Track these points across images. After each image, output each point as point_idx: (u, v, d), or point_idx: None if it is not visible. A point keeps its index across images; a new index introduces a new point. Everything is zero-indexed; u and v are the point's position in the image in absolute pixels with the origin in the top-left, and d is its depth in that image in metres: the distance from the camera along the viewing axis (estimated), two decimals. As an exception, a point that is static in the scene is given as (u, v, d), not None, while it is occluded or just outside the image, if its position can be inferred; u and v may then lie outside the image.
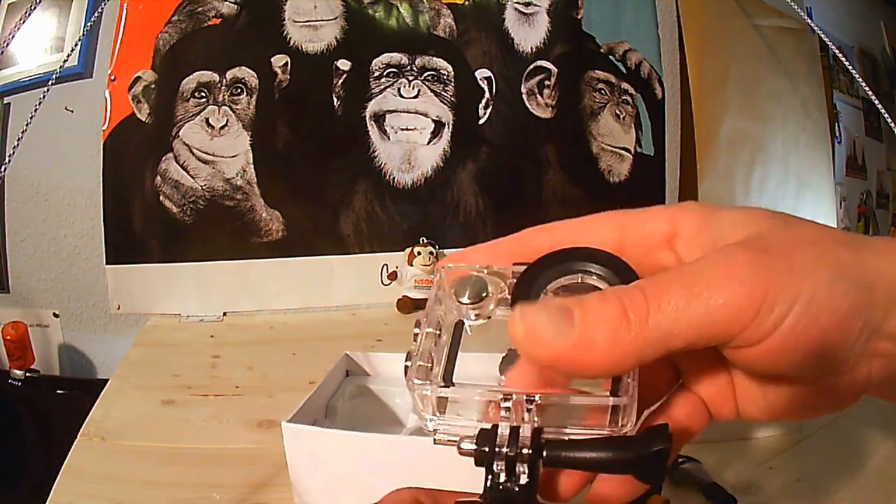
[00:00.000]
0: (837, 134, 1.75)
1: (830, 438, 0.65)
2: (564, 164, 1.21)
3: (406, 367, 0.26)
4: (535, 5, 1.18)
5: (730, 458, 0.61)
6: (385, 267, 1.09)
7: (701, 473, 0.57)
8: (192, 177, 1.03)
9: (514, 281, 0.26)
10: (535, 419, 0.25)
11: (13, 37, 0.88)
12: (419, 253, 1.06)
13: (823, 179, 1.60)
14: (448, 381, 0.26)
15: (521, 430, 0.25)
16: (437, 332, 0.27)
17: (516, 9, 1.17)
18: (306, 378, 0.75)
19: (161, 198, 1.03)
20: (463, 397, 0.26)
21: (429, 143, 1.11)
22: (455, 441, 0.26)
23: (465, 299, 0.26)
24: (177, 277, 1.03)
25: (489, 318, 0.27)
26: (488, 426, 0.25)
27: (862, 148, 1.88)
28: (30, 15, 0.83)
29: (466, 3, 1.15)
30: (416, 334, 0.27)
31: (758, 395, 0.25)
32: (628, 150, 1.26)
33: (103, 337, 1.09)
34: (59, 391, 1.03)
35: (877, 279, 0.21)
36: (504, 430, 0.25)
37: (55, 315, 1.09)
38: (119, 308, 1.01)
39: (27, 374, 0.99)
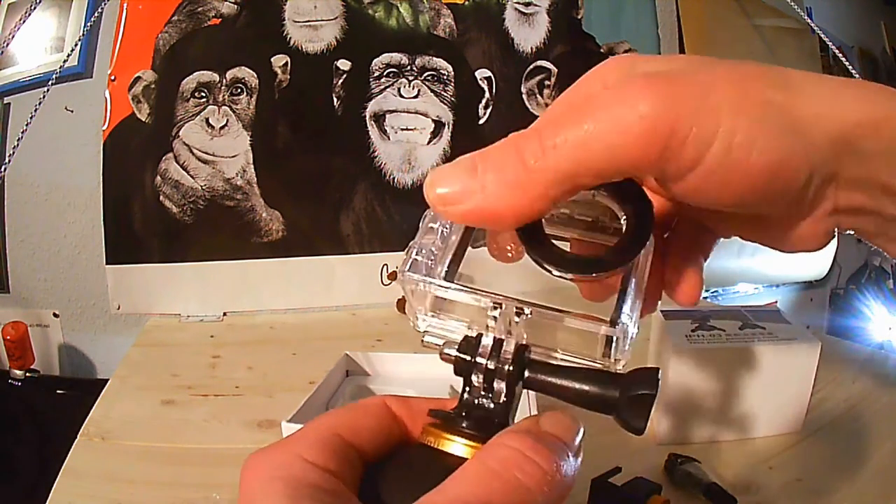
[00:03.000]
0: (837, 134, 1.74)
1: (830, 438, 0.65)
2: (564, 164, 1.21)
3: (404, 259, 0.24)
4: (535, 5, 1.18)
5: (730, 458, 0.61)
6: (385, 267, 1.09)
7: (701, 473, 0.57)
8: (192, 177, 1.03)
9: None
10: (523, 334, 0.24)
11: (13, 37, 0.88)
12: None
13: (823, 179, 1.60)
14: (451, 280, 0.24)
15: (504, 344, 0.24)
16: (446, 230, 0.25)
17: (516, 9, 1.17)
18: (306, 378, 0.75)
19: (161, 198, 1.03)
20: (458, 298, 0.24)
21: (429, 143, 1.11)
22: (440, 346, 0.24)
23: None
24: (177, 277, 1.03)
25: None
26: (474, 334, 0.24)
27: (862, 148, 1.87)
28: (30, 15, 0.83)
29: (466, 3, 1.15)
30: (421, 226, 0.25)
31: (744, 225, 0.25)
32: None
33: (103, 337, 1.09)
34: (59, 391, 1.03)
35: (813, 123, 0.20)
36: (488, 340, 0.24)
37: (55, 315, 1.08)
38: (119, 308, 1.01)
39: (27, 374, 0.99)
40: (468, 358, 0.23)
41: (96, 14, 0.97)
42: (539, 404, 0.58)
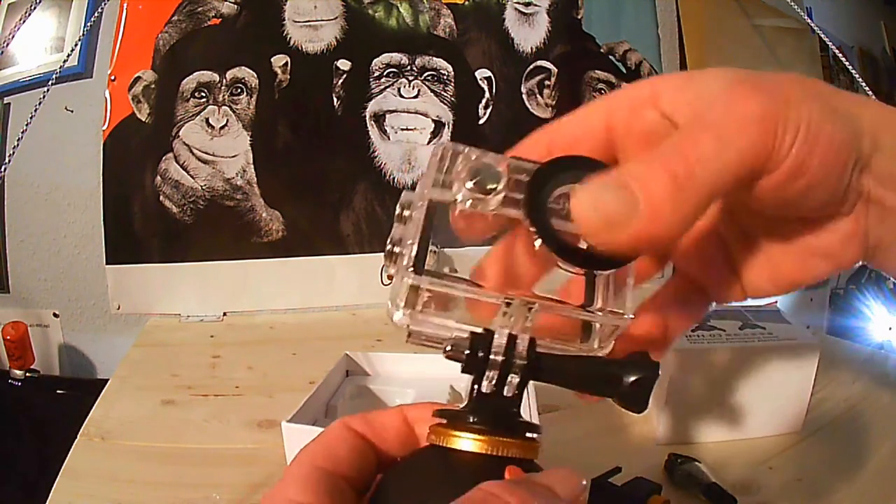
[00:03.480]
0: (837, 134, 1.74)
1: (830, 438, 0.65)
2: (564, 164, 1.21)
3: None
4: (535, 5, 1.18)
5: (730, 458, 0.61)
6: (385, 267, 1.09)
7: (701, 473, 0.57)
8: (192, 177, 1.03)
9: (520, 179, 0.24)
10: (528, 328, 0.24)
11: (13, 37, 0.88)
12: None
13: (823, 179, 1.60)
14: (419, 268, 0.24)
15: (518, 339, 0.23)
16: (408, 216, 0.25)
17: (516, 9, 1.17)
18: (306, 378, 0.75)
19: (161, 198, 1.03)
20: (447, 292, 0.24)
21: (429, 143, 1.11)
22: (431, 342, 0.24)
23: (470, 185, 0.24)
24: (177, 277, 1.03)
25: (481, 209, 0.24)
26: (470, 329, 0.24)
27: (862, 148, 1.87)
28: (30, 15, 0.83)
29: (466, 3, 1.15)
30: (399, 215, 0.25)
31: (762, 262, 0.26)
32: (628, 150, 1.26)
33: (103, 337, 1.09)
34: (59, 391, 1.03)
35: (861, 112, 0.23)
36: (500, 337, 0.23)
37: (55, 315, 1.09)
38: (119, 308, 1.01)
39: (27, 374, 0.99)
40: (482, 354, 0.23)
41: (96, 14, 0.97)
42: (539, 403, 0.58)
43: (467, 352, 0.23)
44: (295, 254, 1.07)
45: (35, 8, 0.85)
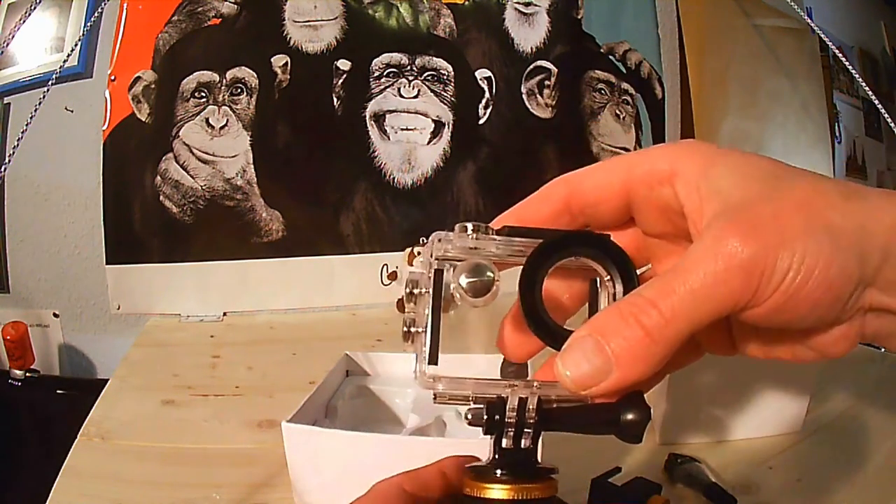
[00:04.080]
0: (837, 134, 1.74)
1: (830, 438, 0.65)
2: (564, 164, 1.21)
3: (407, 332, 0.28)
4: (535, 5, 1.18)
5: (730, 458, 0.61)
6: (385, 267, 1.09)
7: (701, 473, 0.57)
8: (192, 177, 1.03)
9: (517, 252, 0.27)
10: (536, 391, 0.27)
11: (13, 37, 0.88)
12: (419, 253, 1.05)
13: (823, 179, 1.60)
14: (433, 359, 0.27)
15: (528, 402, 0.27)
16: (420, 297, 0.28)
17: (516, 9, 1.17)
18: (306, 378, 0.75)
19: (161, 198, 1.03)
20: (459, 381, 0.27)
21: (429, 143, 1.11)
22: (455, 401, 0.27)
23: (469, 293, 0.26)
24: (177, 277, 1.03)
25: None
26: (487, 395, 0.27)
27: (862, 148, 1.88)
28: (30, 15, 0.83)
29: (466, 3, 1.15)
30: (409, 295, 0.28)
31: (757, 340, 0.27)
32: (628, 150, 1.26)
33: (103, 337, 1.09)
34: (59, 391, 1.03)
35: (877, 223, 0.23)
36: (513, 401, 0.27)
37: (55, 315, 1.08)
38: (119, 308, 1.01)
39: (27, 374, 0.99)
40: (498, 418, 0.27)
41: (96, 14, 0.97)
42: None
43: (485, 417, 0.27)
44: (295, 254, 1.07)
45: (35, 8, 0.84)
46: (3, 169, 0.79)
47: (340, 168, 1.09)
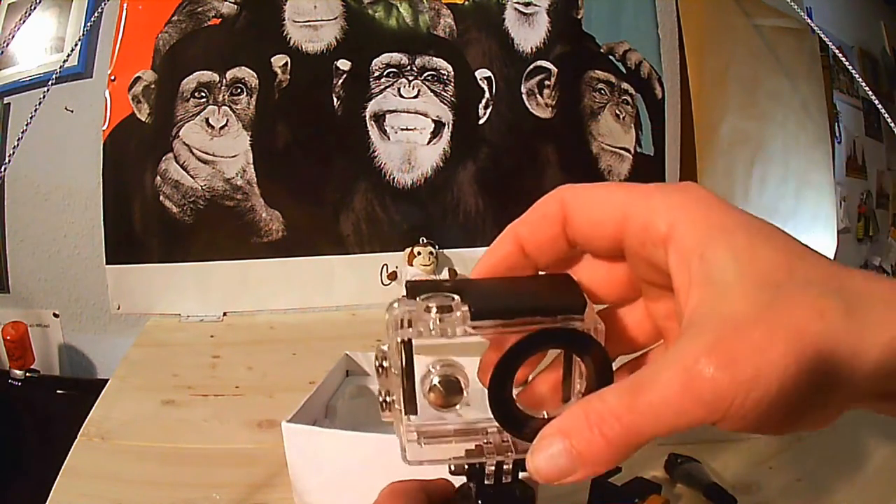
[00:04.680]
0: (837, 134, 1.74)
1: (830, 438, 0.65)
2: (564, 164, 1.21)
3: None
4: (535, 5, 1.18)
5: (730, 458, 0.61)
6: (385, 267, 1.09)
7: (701, 473, 0.57)
8: (192, 177, 1.03)
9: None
10: (514, 450, 0.28)
11: (13, 37, 0.88)
12: (419, 253, 1.06)
13: (823, 179, 1.60)
14: (412, 410, 0.28)
15: (504, 464, 0.28)
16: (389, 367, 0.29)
17: (516, 9, 1.17)
18: (306, 378, 0.75)
19: (161, 198, 1.03)
20: (439, 431, 0.29)
21: (429, 143, 1.11)
22: (435, 462, 0.29)
23: (440, 406, 0.28)
24: (177, 277, 1.03)
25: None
26: (465, 448, 0.28)
27: (862, 148, 1.88)
28: (30, 15, 0.83)
29: (466, 3, 1.15)
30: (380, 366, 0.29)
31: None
32: (628, 150, 1.26)
33: (103, 337, 1.09)
34: (59, 391, 1.03)
35: (858, 365, 0.22)
36: (490, 465, 0.28)
37: (55, 315, 1.08)
38: (119, 308, 1.01)
39: (27, 374, 0.99)
40: (476, 473, 0.28)
41: (96, 14, 0.97)
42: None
43: (466, 468, 0.28)
44: (295, 254, 1.07)
45: (35, 8, 0.85)
46: (3, 169, 0.79)
47: (340, 168, 1.09)
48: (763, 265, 0.23)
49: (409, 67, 1.11)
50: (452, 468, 0.28)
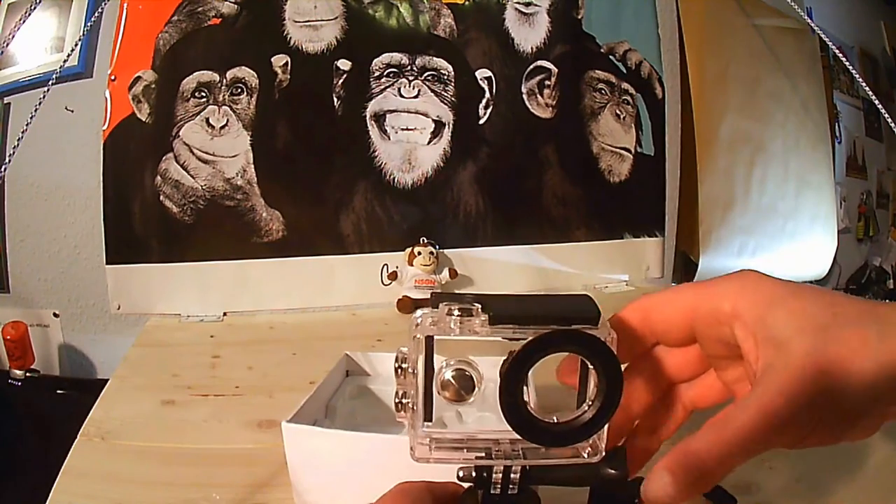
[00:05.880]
0: (837, 134, 1.75)
1: (830, 438, 0.65)
2: (564, 164, 1.21)
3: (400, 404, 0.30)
4: (536, 5, 1.18)
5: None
6: (385, 267, 1.09)
7: (701, 473, 0.56)
8: (192, 177, 1.03)
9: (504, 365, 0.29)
10: (522, 457, 0.30)
11: (13, 37, 0.88)
12: (419, 253, 1.06)
13: (823, 179, 1.60)
14: (428, 417, 0.30)
15: (511, 470, 0.30)
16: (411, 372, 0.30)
17: (516, 9, 1.17)
18: (306, 378, 0.75)
19: (161, 198, 1.03)
20: (451, 440, 0.30)
21: (429, 143, 1.11)
22: (435, 458, 0.30)
23: (454, 400, 0.30)
24: (177, 277, 1.03)
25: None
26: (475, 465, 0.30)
27: (862, 148, 1.88)
28: (30, 15, 0.83)
29: (466, 3, 1.15)
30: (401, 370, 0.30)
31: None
32: (628, 150, 1.26)
33: (103, 337, 1.09)
34: (59, 391, 1.03)
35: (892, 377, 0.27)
36: (498, 470, 0.30)
37: (55, 315, 1.09)
38: (119, 308, 1.01)
39: (27, 374, 0.99)
40: (484, 481, 0.30)
41: (96, 14, 0.97)
42: (540, 404, 0.58)
43: (474, 475, 0.30)
44: (295, 254, 1.07)
45: (35, 8, 0.85)
46: (3, 169, 0.79)
47: (340, 168, 1.09)
48: (815, 315, 0.28)
49: (409, 67, 1.11)
50: (461, 474, 0.30)
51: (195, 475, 0.59)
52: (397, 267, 1.08)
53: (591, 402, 0.29)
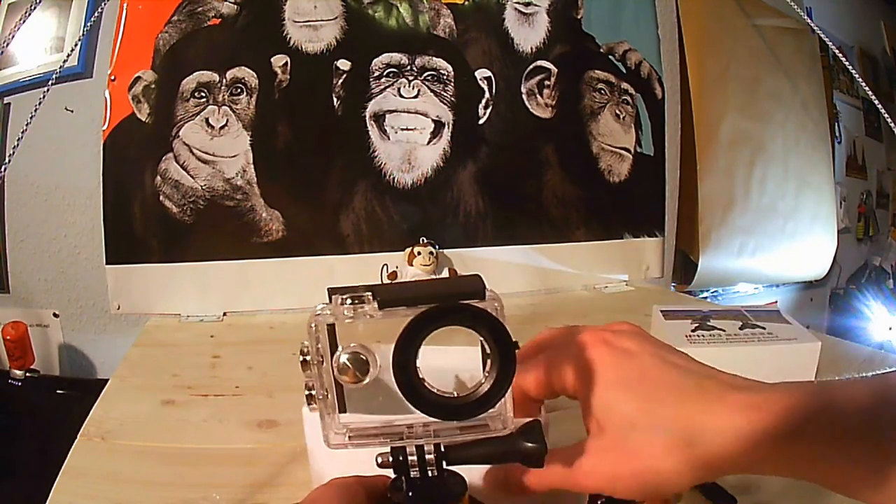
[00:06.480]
0: (837, 134, 1.75)
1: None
2: (564, 164, 1.21)
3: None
4: (535, 5, 1.18)
5: (730, 458, 0.60)
6: (385, 267, 1.09)
7: (701, 473, 0.56)
8: (192, 177, 1.03)
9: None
10: (434, 437, 0.31)
11: (13, 37, 0.88)
12: (419, 253, 1.06)
13: (823, 179, 1.61)
14: (341, 408, 0.32)
15: (424, 448, 0.31)
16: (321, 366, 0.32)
17: (516, 9, 1.17)
18: (306, 378, 0.75)
19: (161, 198, 1.03)
20: (366, 430, 0.32)
21: (429, 143, 1.12)
22: (351, 444, 0.32)
23: (349, 380, 0.31)
24: (177, 277, 1.03)
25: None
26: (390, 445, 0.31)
27: (862, 148, 1.88)
28: (30, 15, 0.83)
29: (466, 3, 1.15)
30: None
31: None
32: (628, 150, 1.26)
33: (103, 337, 1.09)
34: (59, 391, 1.03)
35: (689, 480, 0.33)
36: (411, 449, 0.31)
37: (55, 315, 1.09)
38: (119, 308, 1.01)
39: (27, 374, 0.99)
40: (401, 464, 0.31)
41: (96, 14, 0.97)
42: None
43: (391, 460, 0.31)
44: (295, 254, 1.07)
45: (35, 8, 0.85)
46: (3, 169, 0.79)
47: (340, 168, 1.09)
48: (625, 413, 0.33)
49: (409, 67, 1.11)
50: (380, 461, 0.31)
51: (195, 475, 0.59)
52: (397, 267, 1.08)
53: (486, 375, 0.29)
